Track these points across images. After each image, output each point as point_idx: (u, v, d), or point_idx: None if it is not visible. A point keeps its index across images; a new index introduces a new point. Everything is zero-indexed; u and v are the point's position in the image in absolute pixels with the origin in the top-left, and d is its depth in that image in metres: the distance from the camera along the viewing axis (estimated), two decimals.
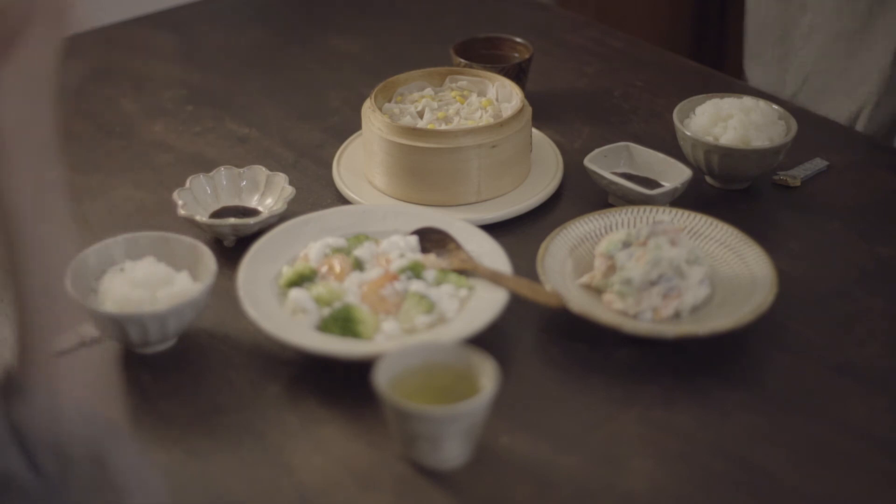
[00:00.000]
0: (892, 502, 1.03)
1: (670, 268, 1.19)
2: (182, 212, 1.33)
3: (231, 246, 1.33)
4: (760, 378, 1.16)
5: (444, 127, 1.42)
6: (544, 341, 1.21)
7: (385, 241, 1.26)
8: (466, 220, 1.32)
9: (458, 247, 1.26)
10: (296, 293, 1.19)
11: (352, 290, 1.20)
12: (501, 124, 1.38)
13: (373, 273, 1.22)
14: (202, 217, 1.34)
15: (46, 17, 0.90)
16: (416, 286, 1.20)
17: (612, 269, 1.21)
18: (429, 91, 1.51)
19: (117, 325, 1.14)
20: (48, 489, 0.82)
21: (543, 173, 1.46)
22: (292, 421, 1.11)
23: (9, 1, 0.88)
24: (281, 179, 1.40)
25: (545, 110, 1.62)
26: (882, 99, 1.70)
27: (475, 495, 1.03)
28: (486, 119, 1.44)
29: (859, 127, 1.71)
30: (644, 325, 1.17)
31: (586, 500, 1.02)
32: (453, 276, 1.22)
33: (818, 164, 1.49)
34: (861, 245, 1.35)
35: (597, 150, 1.42)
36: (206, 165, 1.47)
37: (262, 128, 1.62)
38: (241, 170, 1.42)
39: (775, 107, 1.46)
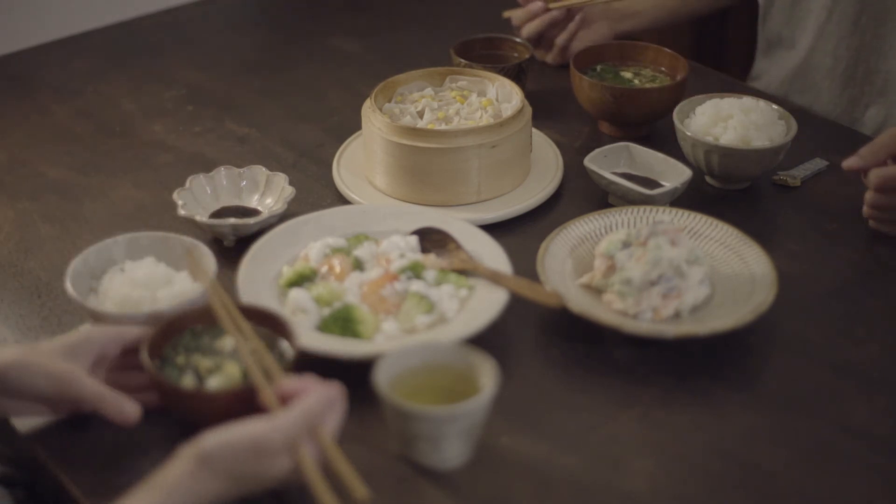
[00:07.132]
0: (892, 502, 1.03)
1: (670, 268, 1.19)
2: (182, 212, 1.33)
3: (231, 246, 1.33)
4: (760, 378, 1.16)
5: (444, 127, 1.42)
6: (544, 341, 1.20)
7: (385, 241, 1.26)
8: (466, 220, 1.32)
9: (458, 247, 1.26)
10: (296, 293, 1.19)
11: (352, 290, 1.20)
12: (501, 124, 1.38)
13: (373, 273, 1.22)
14: (202, 217, 1.34)
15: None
16: (416, 286, 1.20)
17: (612, 269, 1.21)
18: (429, 91, 1.51)
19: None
20: None
21: (543, 173, 1.46)
22: None
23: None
24: (281, 179, 1.40)
25: (545, 110, 1.62)
26: None
27: (475, 495, 1.03)
28: (486, 119, 1.44)
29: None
30: (644, 325, 1.17)
31: (586, 500, 1.02)
32: (453, 276, 1.22)
33: (818, 164, 1.49)
34: (861, 245, 1.35)
35: (597, 150, 1.42)
36: (206, 165, 1.47)
37: (262, 128, 1.62)
38: (241, 170, 1.42)
39: (775, 107, 1.46)
